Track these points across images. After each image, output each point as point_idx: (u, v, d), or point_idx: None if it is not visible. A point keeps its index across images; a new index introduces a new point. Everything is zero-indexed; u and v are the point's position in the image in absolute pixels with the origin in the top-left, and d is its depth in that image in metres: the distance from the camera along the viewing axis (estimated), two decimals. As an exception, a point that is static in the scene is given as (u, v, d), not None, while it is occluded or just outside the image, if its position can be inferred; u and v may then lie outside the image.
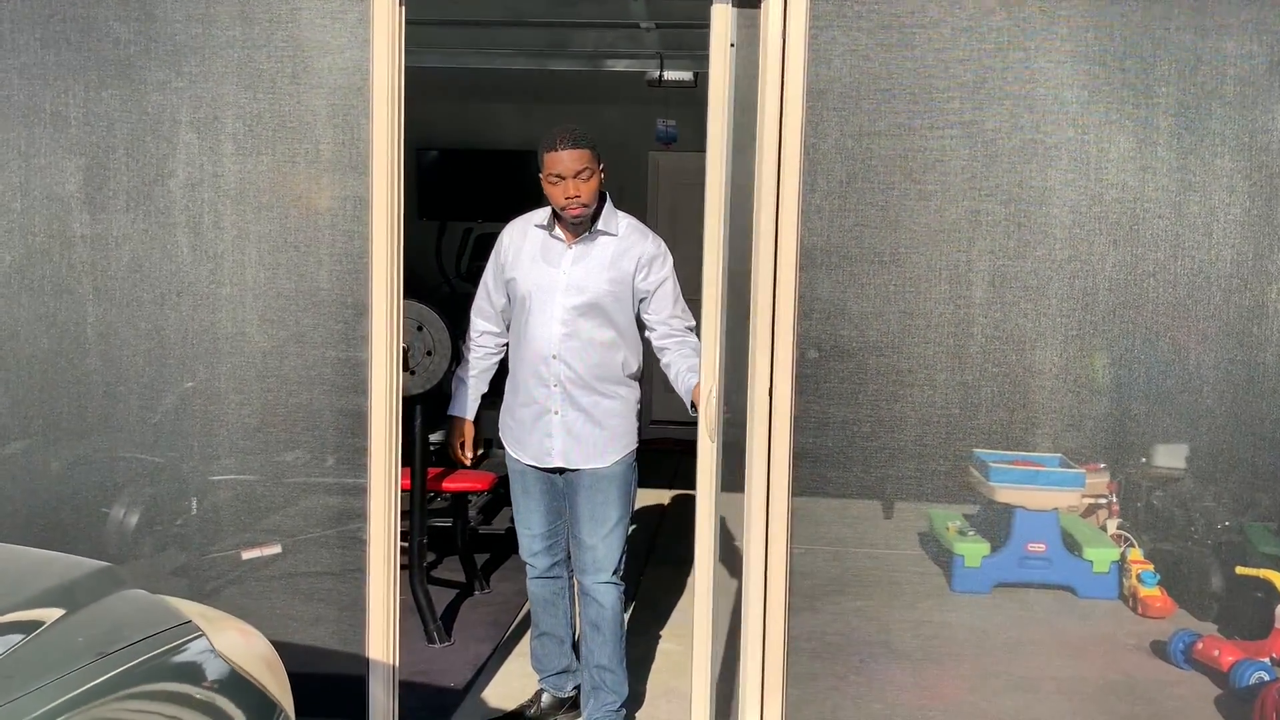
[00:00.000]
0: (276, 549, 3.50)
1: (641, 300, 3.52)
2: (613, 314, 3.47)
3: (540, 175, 3.43)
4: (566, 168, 3.35)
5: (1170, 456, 3.46)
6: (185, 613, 1.90)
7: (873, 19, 3.11)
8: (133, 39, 3.32)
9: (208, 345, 3.40)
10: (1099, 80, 3.10)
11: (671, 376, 3.56)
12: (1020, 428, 3.23)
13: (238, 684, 1.88)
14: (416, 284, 4.28)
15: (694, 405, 3.42)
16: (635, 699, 3.83)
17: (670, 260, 3.56)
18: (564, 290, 3.46)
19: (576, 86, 7.06)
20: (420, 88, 3.62)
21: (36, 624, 1.68)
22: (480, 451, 3.90)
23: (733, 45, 3.14)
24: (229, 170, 3.35)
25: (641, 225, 3.59)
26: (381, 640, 3.36)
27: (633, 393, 3.58)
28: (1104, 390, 3.23)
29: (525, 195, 3.90)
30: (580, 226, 3.47)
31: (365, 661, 3.36)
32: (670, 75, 5.97)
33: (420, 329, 4.32)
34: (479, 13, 5.34)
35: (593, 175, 3.40)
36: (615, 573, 3.53)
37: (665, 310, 3.53)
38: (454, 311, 4.38)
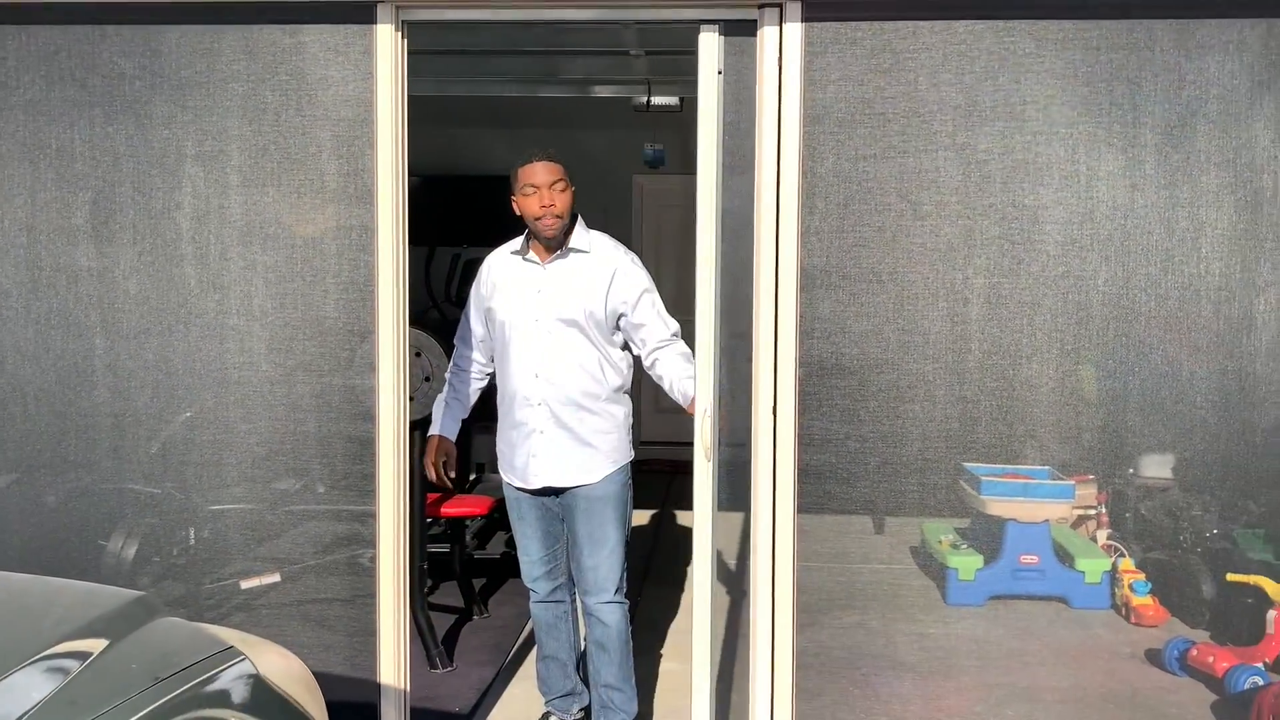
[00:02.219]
0: (276, 578, 3.51)
1: (621, 316, 3.55)
2: (591, 331, 3.50)
3: (514, 197, 3.53)
4: (541, 179, 3.45)
5: (1157, 466, 3.53)
6: (224, 638, 1.93)
7: (866, 44, 3.19)
8: (138, 74, 3.35)
9: (216, 375, 3.41)
10: (1087, 100, 3.19)
11: (666, 386, 3.57)
12: (1019, 441, 3.29)
13: (283, 707, 1.90)
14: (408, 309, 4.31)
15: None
16: (642, 718, 3.85)
17: (644, 272, 3.59)
18: (542, 311, 3.51)
19: (562, 112, 7.13)
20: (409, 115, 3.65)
21: (86, 654, 1.70)
22: (455, 474, 3.89)
23: (720, 73, 3.20)
24: (235, 202, 3.37)
25: (613, 241, 3.63)
26: (392, 665, 3.37)
27: (621, 408, 3.59)
28: (1100, 403, 3.30)
29: (514, 220, 3.95)
30: (554, 243, 3.52)
31: (377, 687, 3.37)
32: (657, 100, 6.05)
33: (419, 354, 4.34)
34: (474, 42, 5.39)
35: (566, 188, 3.49)
36: (618, 591, 3.55)
37: (649, 322, 3.56)
38: (444, 336, 4.39)
